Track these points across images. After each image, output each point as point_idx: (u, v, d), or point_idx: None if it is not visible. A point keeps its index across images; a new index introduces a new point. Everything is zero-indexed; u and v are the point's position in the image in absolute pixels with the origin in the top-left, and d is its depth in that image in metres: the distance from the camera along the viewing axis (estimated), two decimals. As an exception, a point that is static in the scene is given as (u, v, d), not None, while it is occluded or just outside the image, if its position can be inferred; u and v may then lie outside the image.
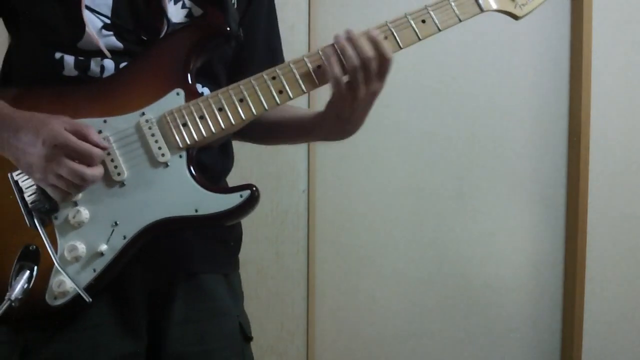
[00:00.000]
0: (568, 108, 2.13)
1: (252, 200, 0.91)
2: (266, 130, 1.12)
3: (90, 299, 0.87)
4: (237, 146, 1.10)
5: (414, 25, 0.93)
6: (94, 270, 0.89)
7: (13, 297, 0.83)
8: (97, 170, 0.87)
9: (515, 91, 2.12)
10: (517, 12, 1.00)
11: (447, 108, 2.08)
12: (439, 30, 0.94)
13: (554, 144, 2.14)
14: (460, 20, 0.94)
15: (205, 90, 1.00)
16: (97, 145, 0.86)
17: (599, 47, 2.07)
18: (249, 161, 1.96)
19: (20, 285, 0.85)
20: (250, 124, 0.96)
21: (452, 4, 0.93)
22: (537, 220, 2.16)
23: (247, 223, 1.97)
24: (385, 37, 0.91)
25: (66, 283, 0.87)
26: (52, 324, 0.91)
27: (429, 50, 2.06)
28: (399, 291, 2.13)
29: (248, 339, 1.08)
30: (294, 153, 1.99)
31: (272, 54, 1.13)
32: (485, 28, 2.07)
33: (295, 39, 1.94)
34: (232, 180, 1.95)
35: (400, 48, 0.93)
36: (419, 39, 0.93)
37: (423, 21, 0.93)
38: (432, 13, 0.93)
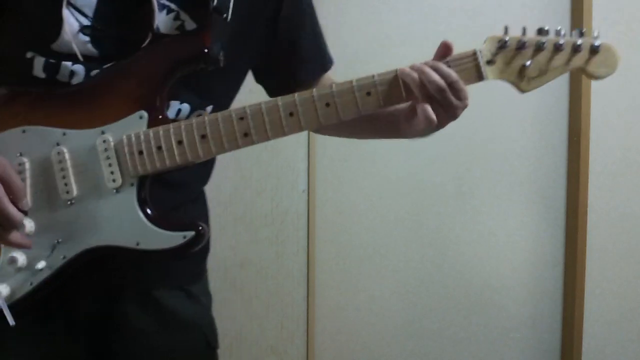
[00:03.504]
0: (568, 108, 2.13)
1: (194, 242, 0.87)
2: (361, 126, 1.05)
3: (14, 322, 0.85)
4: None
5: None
6: (31, 284, 0.88)
7: None
8: (19, 238, 0.85)
9: (515, 91, 2.12)
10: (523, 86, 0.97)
11: (447, 108, 2.08)
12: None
13: (554, 144, 2.14)
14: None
15: (184, 107, 0.95)
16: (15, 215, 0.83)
17: (599, 47, 2.06)
18: (249, 161, 1.96)
19: None
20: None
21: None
22: (537, 220, 2.16)
23: (247, 223, 1.98)
24: (368, 93, 0.88)
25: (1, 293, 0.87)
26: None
27: (429, 51, 2.05)
28: (399, 291, 2.13)
29: (212, 348, 1.06)
30: (294, 153, 2.00)
31: (319, 52, 1.11)
32: (484, 28, 2.07)
33: (295, 39, 1.94)
34: (231, 180, 1.96)
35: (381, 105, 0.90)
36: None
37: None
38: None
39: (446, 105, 0.89)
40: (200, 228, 0.87)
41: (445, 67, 0.89)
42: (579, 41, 0.89)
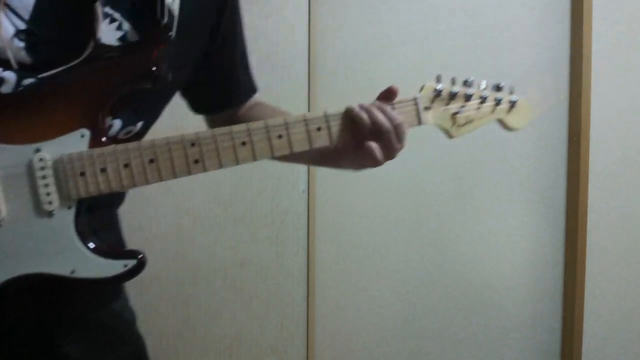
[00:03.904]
0: (568, 108, 2.13)
1: (135, 271, 0.84)
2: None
3: None
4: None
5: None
6: None
7: None
8: None
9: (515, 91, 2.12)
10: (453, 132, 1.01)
11: (447, 108, 2.08)
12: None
13: (553, 144, 2.14)
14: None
15: (116, 122, 0.89)
16: None
17: (599, 47, 2.07)
18: (249, 161, 1.96)
19: None
20: None
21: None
22: (537, 220, 2.16)
23: (247, 223, 1.98)
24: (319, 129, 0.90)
25: None
26: None
27: (429, 51, 2.06)
28: (399, 291, 2.13)
29: None
30: (294, 153, 2.00)
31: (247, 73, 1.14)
32: (484, 28, 2.08)
33: (296, 39, 1.94)
34: (231, 180, 1.95)
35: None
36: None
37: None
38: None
39: (389, 146, 0.92)
40: (140, 256, 0.84)
41: (391, 110, 0.92)
42: (499, 95, 0.99)
